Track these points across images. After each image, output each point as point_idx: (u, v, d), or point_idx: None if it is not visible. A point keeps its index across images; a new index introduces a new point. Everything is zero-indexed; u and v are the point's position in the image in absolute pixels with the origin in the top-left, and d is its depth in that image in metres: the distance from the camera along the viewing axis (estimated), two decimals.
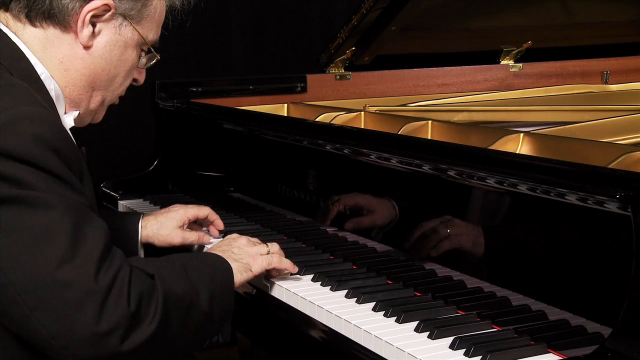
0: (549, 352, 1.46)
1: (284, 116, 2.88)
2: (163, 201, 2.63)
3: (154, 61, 1.80)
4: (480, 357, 1.43)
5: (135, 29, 1.69)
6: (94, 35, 1.65)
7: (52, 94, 1.64)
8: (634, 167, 1.72)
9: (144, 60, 1.78)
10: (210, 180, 2.73)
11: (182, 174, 2.84)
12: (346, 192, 2.06)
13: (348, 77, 3.10)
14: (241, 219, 2.39)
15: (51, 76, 1.63)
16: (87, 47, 1.65)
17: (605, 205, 1.39)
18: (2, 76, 1.54)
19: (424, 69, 3.21)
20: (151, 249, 2.07)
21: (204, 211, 2.14)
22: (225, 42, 4.01)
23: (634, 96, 3.06)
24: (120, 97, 1.80)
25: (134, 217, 2.05)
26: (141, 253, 2.04)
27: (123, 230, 1.97)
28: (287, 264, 1.84)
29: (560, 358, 1.44)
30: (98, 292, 1.39)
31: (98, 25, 1.65)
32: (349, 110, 2.57)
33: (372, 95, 3.10)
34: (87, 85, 1.69)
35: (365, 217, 2.00)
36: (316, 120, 2.48)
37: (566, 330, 1.48)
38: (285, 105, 2.95)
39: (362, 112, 2.58)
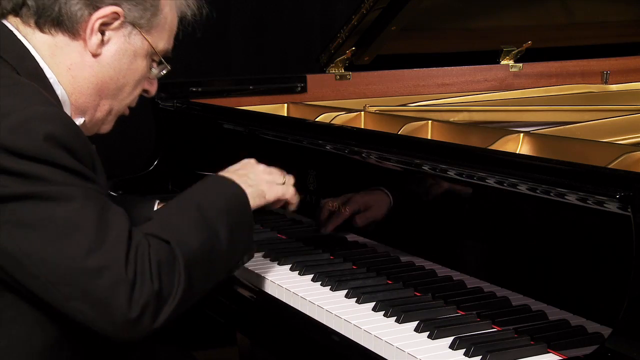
0: (549, 352, 1.46)
1: (284, 116, 2.88)
2: (163, 201, 2.63)
3: (164, 72, 1.79)
4: (480, 357, 1.43)
5: (145, 38, 1.68)
6: (102, 43, 1.64)
7: (59, 98, 1.64)
8: (634, 167, 1.72)
9: (155, 70, 1.77)
10: None
11: (182, 174, 2.84)
12: (346, 192, 2.06)
13: (348, 77, 3.10)
14: None
15: (58, 82, 1.63)
16: (95, 55, 1.64)
17: (605, 205, 1.39)
18: (10, 76, 1.54)
19: (424, 69, 3.20)
20: None
21: None
22: (225, 42, 4.01)
23: (634, 96, 3.06)
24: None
25: (149, 201, 2.06)
26: None
27: (137, 213, 1.96)
28: (298, 199, 1.87)
29: (560, 358, 1.44)
30: (127, 280, 1.43)
31: (107, 33, 1.64)
32: (349, 110, 2.57)
33: (372, 95, 3.10)
34: (94, 93, 1.68)
35: (365, 217, 2.00)
36: (316, 120, 2.48)
37: (566, 330, 1.48)
38: (285, 105, 2.95)
39: (362, 112, 2.58)
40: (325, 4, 4.16)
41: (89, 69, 1.65)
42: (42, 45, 1.62)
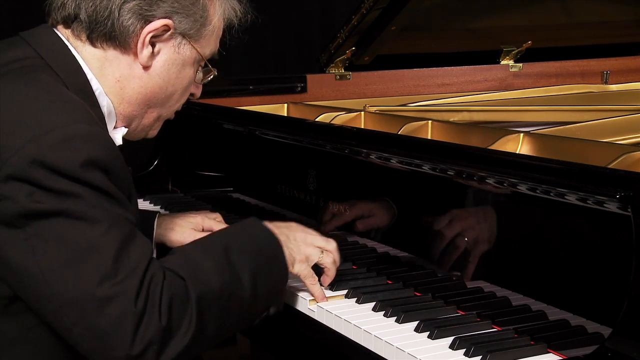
0: (549, 352, 1.46)
1: (284, 116, 2.88)
2: (163, 201, 2.63)
3: (210, 76, 1.79)
4: (480, 357, 1.43)
5: (194, 47, 1.68)
6: (153, 55, 1.64)
7: (104, 109, 1.64)
8: (634, 167, 1.72)
9: (200, 75, 1.77)
10: (210, 180, 2.73)
11: (182, 174, 2.84)
12: (346, 192, 2.06)
13: (348, 77, 3.10)
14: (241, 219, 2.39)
15: (105, 93, 1.63)
16: (146, 67, 1.65)
17: (605, 205, 1.39)
18: (58, 90, 1.53)
19: (424, 69, 3.21)
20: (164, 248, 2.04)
21: (221, 225, 2.06)
22: (225, 42, 4.01)
23: (634, 96, 3.06)
24: None
25: (150, 214, 2.03)
26: (154, 253, 2.03)
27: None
28: (316, 290, 1.73)
29: (560, 358, 1.44)
30: (135, 314, 1.40)
31: (157, 45, 1.64)
32: (349, 110, 2.57)
33: (372, 95, 3.10)
34: (142, 103, 1.69)
35: (365, 216, 2.00)
36: (316, 120, 2.48)
37: (566, 330, 1.48)
38: (285, 105, 2.95)
39: (362, 112, 2.58)
40: (325, 4, 4.16)
41: (137, 80, 1.65)
42: (92, 58, 1.62)
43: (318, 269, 1.75)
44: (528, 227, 1.59)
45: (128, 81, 1.65)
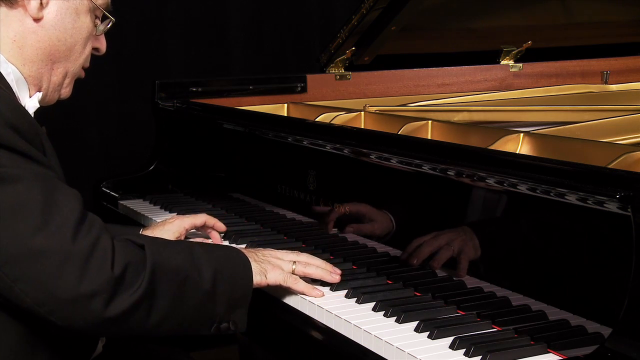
0: (549, 352, 1.46)
1: (284, 116, 2.88)
2: (163, 201, 2.63)
3: (109, 25, 1.77)
4: (480, 357, 1.43)
5: None
6: (42, 6, 1.62)
7: (11, 77, 1.62)
8: (634, 167, 1.72)
9: (101, 27, 1.75)
10: (210, 180, 2.73)
11: (182, 174, 2.84)
12: (346, 192, 2.06)
13: (348, 77, 3.10)
14: (241, 219, 2.39)
15: (7, 60, 1.62)
16: (37, 20, 1.63)
17: (605, 205, 1.39)
18: None
19: (424, 69, 3.21)
20: None
21: (200, 219, 2.10)
22: (225, 42, 4.01)
23: (634, 96, 3.06)
24: (120, 97, 1.80)
25: (132, 230, 2.03)
26: None
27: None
28: (303, 288, 1.74)
29: (560, 358, 1.44)
30: (77, 255, 1.40)
31: None
32: (349, 110, 2.57)
33: (372, 95, 3.10)
34: (45, 59, 1.66)
35: (365, 217, 2.00)
36: (316, 120, 2.48)
37: (566, 330, 1.48)
38: (285, 105, 2.95)
39: (362, 112, 2.58)
40: (325, 4, 4.16)
41: (33, 35, 1.63)
42: None
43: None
44: (528, 227, 1.59)
45: (24, 38, 1.63)
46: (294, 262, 1.76)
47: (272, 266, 1.72)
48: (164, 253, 1.53)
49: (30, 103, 1.66)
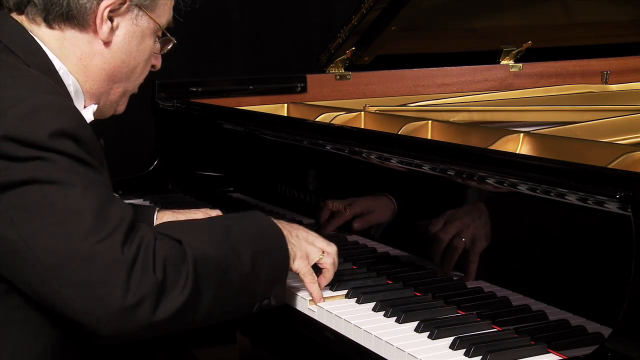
0: (549, 352, 1.46)
1: (284, 116, 2.88)
2: (163, 201, 2.63)
3: (170, 45, 1.80)
4: (480, 357, 1.43)
5: (151, 17, 1.69)
6: (112, 30, 1.65)
7: (71, 88, 1.64)
8: (634, 167, 1.72)
9: (158, 45, 1.77)
10: (210, 180, 2.73)
11: (182, 174, 2.84)
12: (346, 192, 2.06)
13: (348, 77, 3.10)
14: None
15: (69, 72, 1.64)
16: (107, 43, 1.66)
17: (605, 205, 1.39)
18: (19, 67, 1.55)
19: (424, 69, 3.21)
20: None
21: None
22: (225, 42, 4.01)
23: (634, 96, 3.06)
24: None
25: (149, 208, 2.04)
26: None
27: (139, 218, 1.96)
28: (313, 289, 1.72)
29: (560, 358, 1.44)
30: (124, 264, 1.40)
31: (115, 20, 1.65)
32: (349, 110, 2.57)
33: (372, 95, 3.10)
34: (107, 79, 1.69)
35: (365, 217, 2.00)
36: (316, 120, 2.48)
37: (566, 330, 1.48)
38: (285, 105, 2.95)
39: (362, 112, 2.58)
40: (325, 4, 4.16)
41: (99, 56, 1.66)
42: (50, 39, 1.62)
43: (317, 270, 1.75)
44: (528, 227, 1.59)
45: (90, 58, 1.65)
46: (323, 251, 1.74)
47: (302, 252, 1.70)
48: (202, 245, 1.52)
49: (85, 114, 1.68)
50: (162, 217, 2.00)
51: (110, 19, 1.64)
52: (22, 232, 1.40)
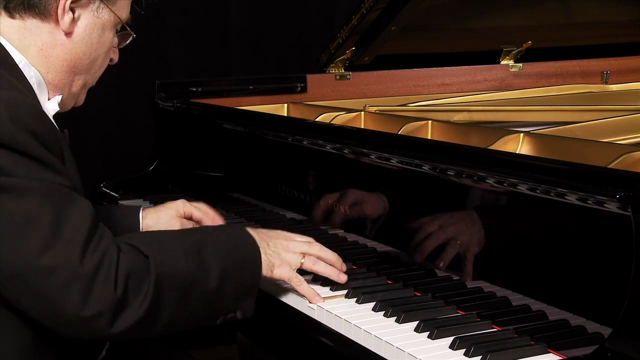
0: (549, 352, 1.46)
1: (284, 116, 2.88)
2: (163, 201, 2.62)
3: (129, 39, 1.81)
4: (480, 357, 1.43)
5: (112, 10, 1.70)
6: (74, 21, 1.65)
7: (33, 80, 1.63)
8: (634, 167, 1.72)
9: (116, 39, 1.78)
10: (210, 180, 2.73)
11: (182, 174, 2.84)
12: (346, 192, 2.05)
13: (348, 77, 3.10)
14: (241, 219, 2.39)
15: (30, 64, 1.63)
16: (68, 34, 1.66)
17: (605, 205, 1.39)
18: None
19: (424, 69, 3.20)
20: None
21: (203, 208, 2.05)
22: (225, 42, 4.01)
23: (634, 96, 3.06)
24: (120, 97, 1.81)
25: (134, 209, 2.04)
26: None
27: (124, 220, 1.96)
28: (306, 291, 1.73)
29: (560, 358, 1.44)
30: (83, 277, 1.41)
31: (77, 11, 1.65)
32: (349, 110, 2.57)
33: (372, 95, 3.10)
34: (68, 70, 1.69)
35: (365, 217, 2.00)
36: (316, 120, 2.48)
37: (566, 330, 1.48)
38: (285, 105, 2.95)
39: (362, 112, 2.58)
40: (325, 4, 4.16)
41: (61, 47, 1.66)
42: (10, 30, 1.62)
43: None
44: (528, 227, 1.59)
45: (52, 49, 1.65)
46: (304, 255, 1.74)
47: (281, 261, 1.71)
48: (170, 260, 1.53)
49: (50, 106, 1.68)
50: (146, 215, 2.00)
51: (72, 10, 1.64)
52: None
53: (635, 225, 1.34)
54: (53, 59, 1.66)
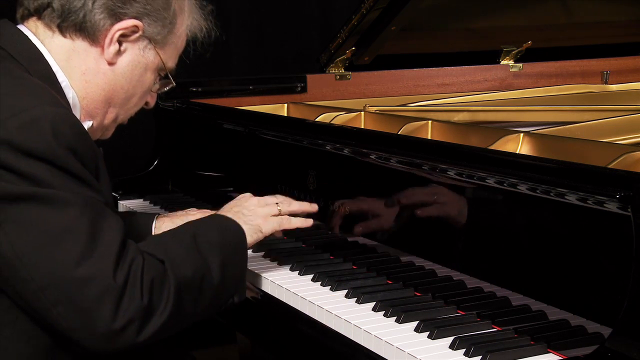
0: (549, 352, 1.46)
1: (284, 116, 2.88)
2: (163, 201, 2.63)
3: (168, 87, 1.84)
4: (480, 357, 1.43)
5: (158, 53, 1.73)
6: (119, 53, 1.68)
7: (70, 101, 1.66)
8: (634, 167, 1.72)
9: (157, 85, 1.81)
10: (210, 180, 2.73)
11: (182, 174, 2.84)
12: (346, 192, 2.06)
13: (348, 77, 3.10)
14: None
15: (71, 86, 1.66)
16: (111, 64, 1.68)
17: (605, 205, 1.39)
18: (22, 76, 1.57)
19: (424, 69, 3.21)
20: None
21: None
22: (225, 42, 4.01)
23: (634, 96, 3.06)
24: None
25: (147, 216, 2.06)
26: None
27: (135, 227, 1.98)
28: (297, 223, 1.88)
29: (560, 358, 1.44)
30: (115, 289, 1.44)
31: (124, 45, 1.68)
32: (349, 110, 2.57)
33: (372, 95, 3.10)
34: (104, 100, 1.71)
35: (365, 216, 2.00)
36: (316, 120, 2.48)
37: (566, 330, 1.48)
38: (285, 105, 2.95)
39: (362, 112, 2.58)
40: (325, 4, 4.16)
41: (102, 76, 1.68)
42: (59, 49, 1.65)
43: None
44: (528, 227, 1.59)
45: (93, 75, 1.68)
46: (277, 203, 1.87)
47: (262, 218, 1.83)
48: (180, 261, 1.57)
49: None
50: (160, 224, 2.01)
51: (120, 42, 1.67)
52: (16, 249, 1.42)
53: (635, 225, 1.34)
54: (93, 85, 1.68)
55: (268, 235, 1.84)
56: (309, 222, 1.90)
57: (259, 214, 1.83)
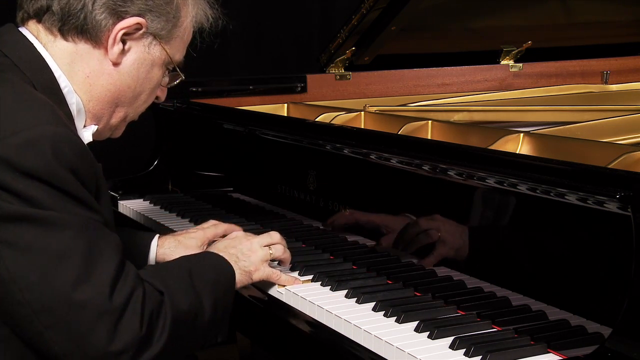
0: (549, 352, 1.46)
1: (284, 116, 2.88)
2: (163, 201, 2.63)
3: (177, 80, 1.81)
4: (480, 357, 1.43)
5: (164, 48, 1.69)
6: (123, 52, 1.65)
7: (73, 107, 1.63)
8: (634, 167, 1.72)
9: (166, 79, 1.78)
10: (210, 180, 2.73)
11: (182, 174, 2.84)
12: (346, 192, 2.06)
13: (348, 77, 3.10)
14: (241, 219, 2.39)
15: (74, 90, 1.63)
16: (115, 64, 1.65)
17: (605, 205, 1.39)
18: (25, 90, 1.53)
19: (424, 69, 3.21)
20: None
21: (221, 228, 2.07)
22: (225, 42, 4.01)
23: (634, 96, 3.06)
24: None
25: (146, 235, 2.02)
26: None
27: (133, 247, 1.95)
28: (286, 280, 1.84)
29: (560, 358, 1.44)
30: (112, 312, 1.42)
31: (128, 43, 1.65)
32: (349, 110, 2.57)
33: (372, 95, 3.10)
34: (110, 101, 1.69)
35: (365, 217, 2.00)
36: (316, 120, 2.48)
37: (566, 330, 1.48)
38: (285, 105, 2.95)
39: (362, 112, 2.58)
40: (325, 4, 4.16)
41: (107, 77, 1.65)
42: (62, 54, 1.62)
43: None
44: (528, 227, 1.59)
45: (97, 77, 1.65)
46: (269, 247, 1.84)
47: (255, 265, 1.80)
48: (176, 294, 1.56)
49: (85, 134, 1.68)
50: (162, 243, 1.98)
51: (124, 41, 1.64)
52: (12, 270, 1.40)
53: (635, 225, 1.34)
54: (97, 87, 1.65)
55: (256, 282, 1.81)
56: (299, 282, 1.85)
57: (252, 261, 1.79)
